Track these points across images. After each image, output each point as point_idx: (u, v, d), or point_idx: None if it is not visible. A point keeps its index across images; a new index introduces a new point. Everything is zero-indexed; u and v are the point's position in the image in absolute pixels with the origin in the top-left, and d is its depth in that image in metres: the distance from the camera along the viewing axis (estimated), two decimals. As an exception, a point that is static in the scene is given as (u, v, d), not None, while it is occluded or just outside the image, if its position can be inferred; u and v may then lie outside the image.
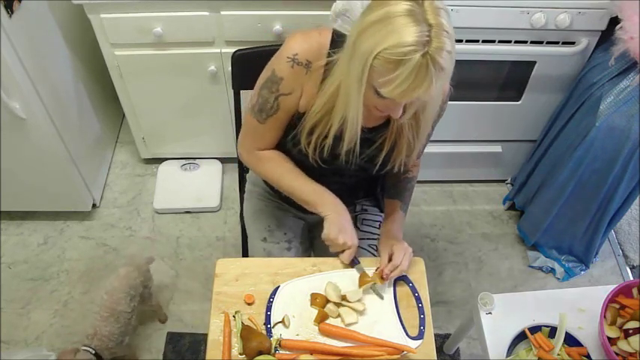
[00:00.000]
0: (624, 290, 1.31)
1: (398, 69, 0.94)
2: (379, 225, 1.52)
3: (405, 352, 1.13)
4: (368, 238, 1.48)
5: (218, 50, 1.85)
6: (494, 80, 1.93)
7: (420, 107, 1.12)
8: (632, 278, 2.11)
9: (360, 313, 1.20)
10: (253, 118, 1.24)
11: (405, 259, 1.23)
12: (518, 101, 1.98)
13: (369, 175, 1.35)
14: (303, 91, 1.18)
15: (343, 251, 1.26)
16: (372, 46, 0.95)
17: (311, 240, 1.55)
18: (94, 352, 1.53)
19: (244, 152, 1.32)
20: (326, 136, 1.17)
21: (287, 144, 1.27)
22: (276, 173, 1.30)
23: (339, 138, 1.16)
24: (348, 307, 1.20)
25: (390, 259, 1.25)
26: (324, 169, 1.29)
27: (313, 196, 1.27)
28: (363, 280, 1.23)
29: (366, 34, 0.96)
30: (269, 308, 1.20)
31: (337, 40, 1.13)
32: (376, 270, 1.25)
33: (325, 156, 1.22)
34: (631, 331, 1.26)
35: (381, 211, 1.55)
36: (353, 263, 1.27)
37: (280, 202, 1.50)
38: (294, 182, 1.29)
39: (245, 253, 1.67)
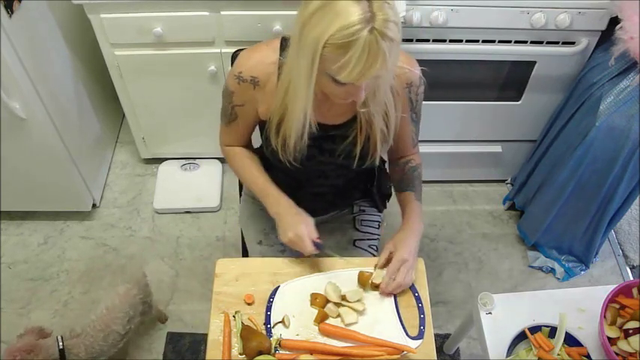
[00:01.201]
0: (624, 290, 1.30)
1: (349, 51, 0.94)
2: (378, 225, 1.52)
3: (405, 352, 1.13)
4: (368, 239, 1.48)
5: (218, 50, 1.86)
6: (494, 80, 1.93)
7: (374, 87, 1.11)
8: (632, 278, 2.11)
9: (360, 313, 1.20)
10: (221, 119, 1.31)
11: (402, 272, 1.20)
12: (518, 101, 1.98)
13: (353, 173, 1.35)
14: (257, 102, 1.21)
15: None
16: (319, 36, 0.95)
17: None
18: (62, 346, 1.49)
19: (220, 146, 1.39)
20: (290, 135, 1.18)
21: (263, 148, 1.29)
22: (239, 167, 1.35)
23: (300, 137, 1.17)
24: (348, 307, 1.20)
25: (388, 262, 1.25)
26: (306, 172, 1.30)
27: (260, 192, 1.31)
28: (362, 277, 1.23)
29: (310, 24, 0.97)
30: (269, 308, 1.20)
31: (285, 45, 1.15)
32: (374, 269, 1.25)
33: (297, 156, 1.22)
34: (631, 331, 1.26)
35: (379, 211, 1.55)
36: (317, 248, 1.21)
37: None
38: (249, 176, 1.33)
39: (245, 254, 1.67)
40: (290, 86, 1.10)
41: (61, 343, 1.50)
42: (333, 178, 1.36)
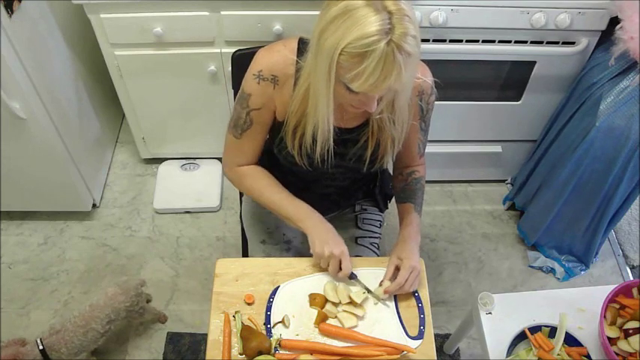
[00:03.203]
0: (624, 290, 1.30)
1: (364, 62, 0.94)
2: (380, 224, 1.52)
3: (405, 352, 1.13)
4: (369, 237, 1.48)
5: (218, 50, 1.85)
6: (494, 80, 1.93)
7: (393, 98, 1.11)
8: (632, 278, 2.11)
9: (360, 318, 1.19)
10: (230, 133, 1.27)
11: (410, 279, 1.20)
12: (518, 101, 1.98)
13: (361, 175, 1.35)
14: (275, 104, 1.20)
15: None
16: (336, 43, 0.95)
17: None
18: (42, 347, 1.53)
19: (227, 169, 1.34)
20: (308, 139, 1.17)
21: (274, 149, 1.27)
22: (256, 189, 1.31)
23: (326, 142, 1.16)
24: (348, 312, 1.19)
25: (395, 274, 1.24)
26: (316, 174, 1.29)
27: (292, 210, 1.27)
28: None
29: (328, 30, 0.96)
30: (269, 308, 1.20)
31: (303, 47, 1.14)
32: (379, 285, 1.23)
33: (312, 159, 1.21)
34: (631, 331, 1.26)
35: (381, 211, 1.55)
36: (351, 277, 1.24)
37: None
38: (273, 197, 1.29)
39: (245, 254, 1.67)
40: (310, 92, 1.09)
41: (40, 345, 1.53)
42: (340, 180, 1.36)
